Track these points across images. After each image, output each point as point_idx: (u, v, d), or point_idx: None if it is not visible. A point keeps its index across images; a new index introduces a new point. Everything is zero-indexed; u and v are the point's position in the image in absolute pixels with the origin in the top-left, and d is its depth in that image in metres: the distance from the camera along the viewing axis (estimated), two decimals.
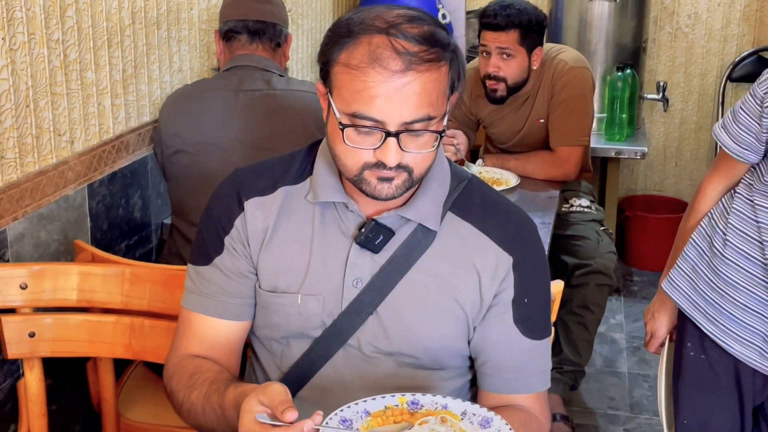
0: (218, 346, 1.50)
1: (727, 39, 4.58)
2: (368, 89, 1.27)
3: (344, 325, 1.43)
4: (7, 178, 1.97)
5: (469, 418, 1.30)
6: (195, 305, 1.50)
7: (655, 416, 3.19)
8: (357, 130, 1.30)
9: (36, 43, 2.03)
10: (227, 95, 2.41)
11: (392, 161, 1.30)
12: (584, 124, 3.21)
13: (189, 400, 1.42)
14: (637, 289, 4.30)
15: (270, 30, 2.50)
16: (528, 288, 1.45)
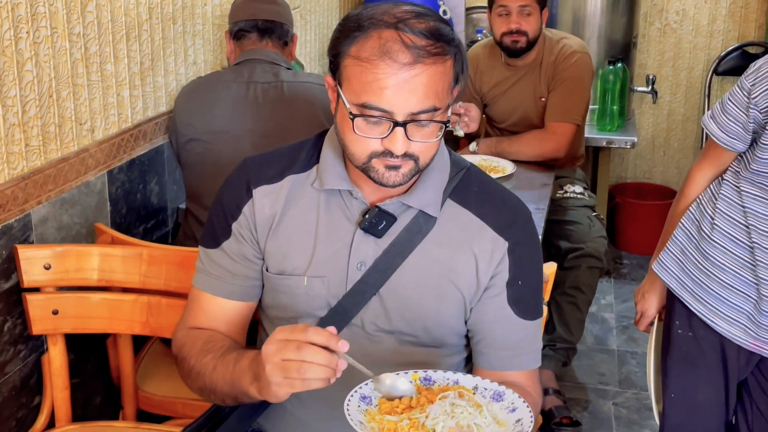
0: (223, 323, 1.51)
1: (713, 34, 4.56)
2: (378, 81, 1.27)
3: (348, 306, 1.43)
4: (32, 164, 1.97)
5: (481, 392, 1.31)
6: (203, 284, 1.52)
7: (642, 391, 3.20)
8: (366, 119, 1.30)
9: (58, 36, 2.03)
10: (239, 87, 2.41)
11: (399, 150, 1.30)
12: (579, 105, 3.20)
13: (201, 363, 1.41)
14: (626, 271, 4.30)
15: (278, 29, 2.52)
16: (522, 271, 1.45)
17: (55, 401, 1.99)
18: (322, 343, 1.17)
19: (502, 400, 1.29)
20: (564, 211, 3.21)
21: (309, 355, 1.16)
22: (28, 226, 1.97)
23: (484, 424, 1.23)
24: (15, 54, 1.88)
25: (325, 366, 1.16)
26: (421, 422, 1.22)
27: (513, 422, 1.26)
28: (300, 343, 1.17)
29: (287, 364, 1.17)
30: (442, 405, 1.24)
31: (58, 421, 1.99)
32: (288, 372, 1.18)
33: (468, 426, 1.22)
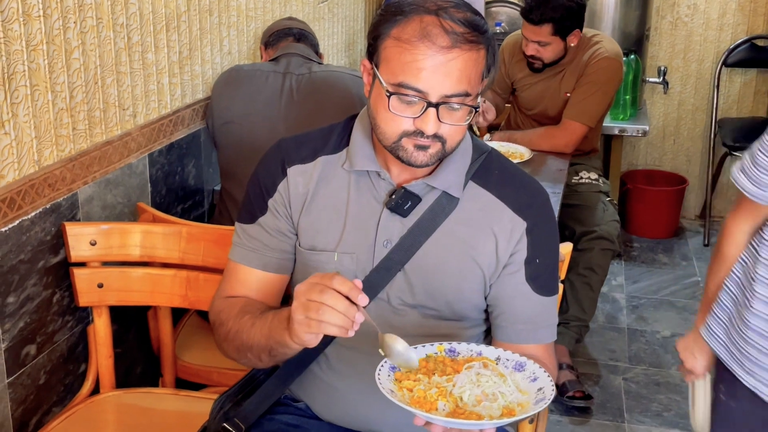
0: (259, 294, 1.51)
1: (723, 28, 4.51)
2: (417, 61, 1.28)
3: (375, 281, 1.44)
4: (78, 147, 1.99)
5: (504, 363, 1.31)
6: (240, 257, 1.52)
7: (651, 367, 3.20)
8: (401, 98, 1.30)
9: (103, 26, 2.04)
10: (276, 77, 2.44)
11: (430, 130, 1.30)
12: (598, 109, 3.18)
13: (239, 323, 1.42)
14: (636, 254, 4.28)
15: (310, 38, 2.64)
16: (539, 250, 1.45)
17: (100, 369, 2.01)
18: (344, 292, 1.17)
19: (524, 371, 1.30)
20: (579, 196, 3.20)
21: (329, 299, 1.17)
22: (75, 204, 2.00)
23: (508, 392, 1.23)
24: (63, 43, 1.89)
25: (341, 313, 1.17)
26: (449, 390, 1.22)
27: (535, 391, 1.26)
28: (325, 287, 1.17)
29: (309, 303, 1.18)
30: (468, 374, 1.24)
31: (102, 387, 2.02)
32: (308, 311, 1.18)
33: (493, 394, 1.22)
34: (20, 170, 1.79)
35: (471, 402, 1.21)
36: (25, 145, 1.80)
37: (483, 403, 1.21)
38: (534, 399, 1.25)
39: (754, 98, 4.58)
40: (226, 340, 1.46)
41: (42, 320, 1.91)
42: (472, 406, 1.21)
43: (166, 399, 2.03)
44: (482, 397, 1.22)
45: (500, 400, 1.22)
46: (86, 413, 1.95)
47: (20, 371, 1.85)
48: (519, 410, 1.22)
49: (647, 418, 2.88)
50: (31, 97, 1.80)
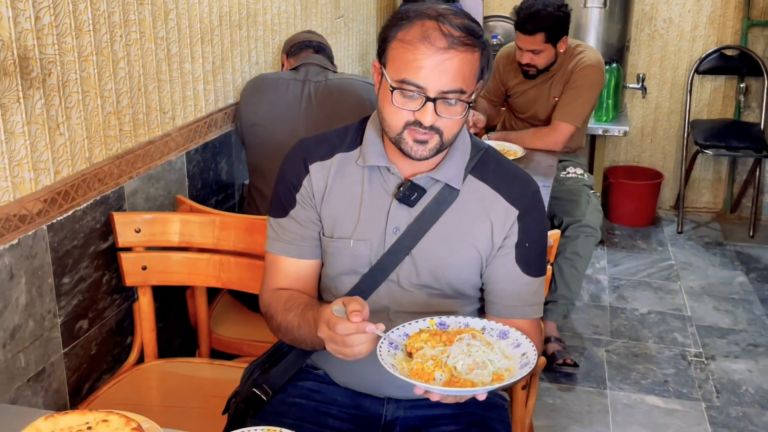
0: (299, 280, 1.51)
1: (695, 39, 4.48)
2: (417, 60, 1.29)
3: (386, 264, 1.44)
4: (124, 146, 2.00)
5: (489, 332, 1.31)
6: (278, 249, 1.51)
7: (630, 340, 3.19)
8: (403, 93, 1.31)
9: (146, 39, 2.05)
10: (296, 84, 2.44)
11: (428, 121, 1.31)
12: (583, 110, 3.17)
13: (286, 320, 1.43)
14: (617, 240, 4.27)
15: (327, 50, 2.63)
16: (529, 235, 1.45)
17: (144, 341, 2.03)
18: (353, 331, 1.22)
19: (507, 338, 1.30)
20: (566, 189, 3.18)
21: (350, 344, 1.23)
22: (122, 196, 2.01)
23: (496, 359, 1.23)
24: (111, 54, 1.90)
25: (363, 344, 1.23)
26: (443, 362, 1.22)
27: (519, 355, 1.26)
28: (342, 338, 1.23)
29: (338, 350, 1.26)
30: (460, 345, 1.24)
31: (146, 357, 2.03)
32: (340, 355, 1.26)
33: (483, 362, 1.22)
34: (74, 166, 1.80)
35: (464, 371, 1.21)
36: (78, 144, 1.81)
37: (475, 371, 1.21)
38: (519, 363, 1.25)
39: (723, 102, 4.55)
40: (279, 331, 1.48)
41: (93, 298, 1.92)
42: (466, 375, 1.21)
43: (202, 368, 2.04)
44: (474, 366, 1.22)
45: (490, 367, 1.22)
46: (132, 380, 1.97)
47: (74, 343, 1.86)
48: (507, 375, 1.22)
49: (627, 386, 2.87)
50: (83, 101, 1.81)
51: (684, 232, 4.37)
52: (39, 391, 1.75)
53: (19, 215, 1.63)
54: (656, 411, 2.72)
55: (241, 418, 1.56)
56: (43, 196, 1.69)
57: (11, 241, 1.61)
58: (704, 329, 3.29)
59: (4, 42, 1.54)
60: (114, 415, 1.25)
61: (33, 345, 1.71)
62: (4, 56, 1.55)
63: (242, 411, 1.56)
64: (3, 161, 1.58)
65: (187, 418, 1.81)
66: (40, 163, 1.68)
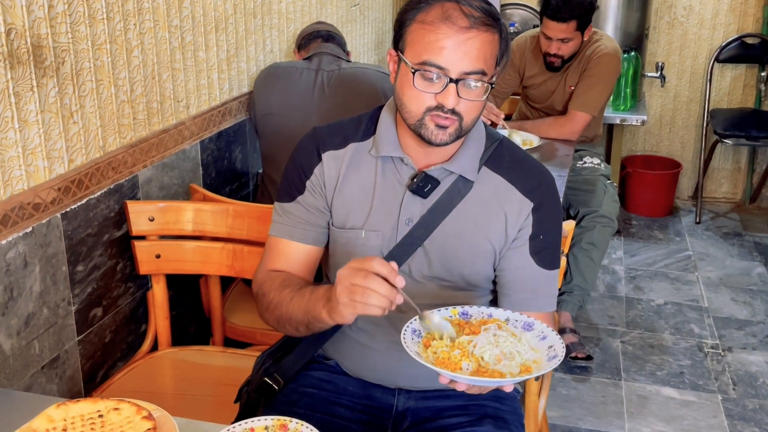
0: (298, 264, 1.49)
1: (715, 27, 4.41)
2: (438, 40, 1.27)
3: (398, 255, 1.42)
4: (138, 134, 2.00)
5: (513, 324, 1.28)
6: (280, 232, 1.50)
7: (646, 331, 3.16)
8: (424, 75, 1.29)
9: (160, 28, 2.04)
10: (309, 73, 2.42)
11: (450, 103, 1.29)
12: (600, 99, 3.13)
13: (279, 296, 1.40)
14: (634, 231, 4.23)
15: (338, 38, 2.60)
16: (543, 228, 1.42)
17: (158, 329, 2.03)
18: (384, 274, 1.16)
19: (532, 330, 1.27)
20: (583, 179, 3.16)
21: (373, 283, 1.15)
22: (136, 185, 2.01)
23: (523, 350, 1.20)
24: (124, 42, 1.90)
25: (384, 296, 1.16)
26: (470, 351, 1.19)
27: (546, 348, 1.23)
28: (368, 272, 1.16)
29: (354, 287, 1.17)
30: (487, 335, 1.21)
31: (160, 345, 2.04)
32: (353, 294, 1.17)
33: (510, 353, 1.19)
34: (87, 155, 1.80)
35: (492, 361, 1.18)
36: (92, 132, 1.81)
37: (503, 362, 1.18)
38: (546, 356, 1.21)
39: (743, 91, 4.48)
40: (267, 311, 1.45)
41: (107, 286, 1.93)
42: (494, 365, 1.18)
43: (215, 356, 2.05)
44: (501, 356, 1.18)
45: (517, 359, 1.19)
46: (146, 367, 1.98)
47: (88, 330, 1.87)
48: (535, 367, 1.19)
49: (642, 377, 2.85)
50: (97, 90, 1.81)
51: (702, 222, 4.32)
52: (53, 378, 1.76)
53: (33, 203, 1.63)
54: (671, 403, 2.70)
55: (253, 407, 1.56)
56: (56, 184, 1.70)
57: (25, 229, 1.61)
58: (721, 321, 3.26)
59: (17, 30, 1.54)
60: (125, 403, 1.25)
61: (47, 332, 1.72)
62: (17, 45, 1.54)
63: (254, 400, 1.56)
64: (17, 150, 1.58)
65: (200, 406, 1.82)
66: (53, 151, 1.69)
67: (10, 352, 1.61)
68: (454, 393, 1.50)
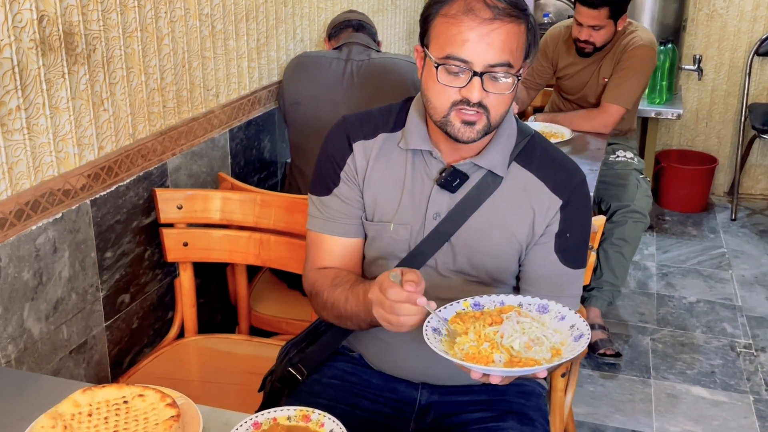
0: (344, 259, 1.48)
1: (756, 19, 4.32)
2: (461, 33, 1.25)
3: (424, 249, 1.41)
4: (168, 122, 2.01)
5: (527, 308, 1.25)
6: (321, 227, 1.48)
7: (677, 329, 3.12)
8: (448, 69, 1.27)
9: (190, 16, 2.05)
10: (338, 63, 2.42)
11: (475, 97, 1.27)
12: (634, 92, 3.08)
13: (333, 295, 1.40)
14: (668, 226, 4.17)
15: (368, 28, 2.59)
16: (570, 226, 1.40)
17: (185, 316, 2.05)
18: (404, 300, 1.18)
19: (548, 312, 1.24)
20: (615, 173, 3.12)
21: (399, 311, 1.19)
22: (165, 173, 2.02)
23: (550, 334, 1.18)
24: (155, 30, 1.91)
25: (413, 316, 1.20)
26: (498, 342, 1.16)
27: (568, 328, 1.20)
28: (391, 304, 1.19)
29: (386, 316, 1.21)
30: (511, 323, 1.19)
31: (186, 332, 2.06)
32: (389, 323, 1.22)
33: (538, 338, 1.17)
34: (117, 142, 1.82)
35: (522, 349, 1.15)
36: (122, 120, 1.83)
37: (533, 348, 1.16)
38: (571, 336, 1.18)
39: None
40: (325, 309, 1.45)
41: (135, 273, 1.95)
42: (526, 353, 1.15)
43: (241, 344, 2.06)
44: (531, 343, 1.16)
45: (546, 343, 1.16)
46: (172, 354, 2.00)
47: (116, 316, 1.89)
48: (565, 349, 1.16)
49: (671, 375, 2.81)
50: (127, 78, 1.82)
51: (738, 219, 4.25)
52: (81, 362, 1.78)
53: (63, 190, 1.65)
54: (701, 402, 2.66)
55: (277, 396, 1.56)
56: (86, 171, 1.71)
57: (55, 215, 1.64)
58: (755, 320, 3.20)
59: (49, 17, 1.56)
60: (150, 390, 1.26)
61: (75, 318, 1.74)
62: (49, 32, 1.56)
63: (278, 390, 1.57)
64: (47, 136, 1.60)
65: (224, 393, 1.83)
66: (84, 138, 1.70)
67: (38, 337, 1.63)
68: (478, 387, 1.50)
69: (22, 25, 1.49)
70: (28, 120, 1.54)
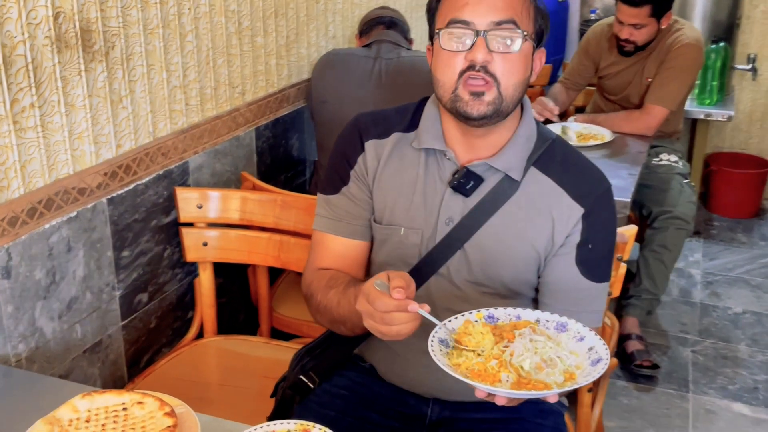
0: (347, 261, 1.44)
1: None
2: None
3: (436, 257, 1.36)
4: (191, 120, 1.99)
5: (544, 325, 1.17)
6: (326, 227, 1.44)
7: (720, 341, 3.00)
8: (450, 34, 1.23)
9: (215, 12, 2.03)
10: (367, 61, 2.37)
11: (480, 59, 1.21)
12: (679, 93, 2.97)
13: (326, 298, 1.36)
14: (716, 232, 4.02)
15: (401, 25, 2.54)
16: (593, 236, 1.33)
17: (204, 317, 2.03)
18: (393, 309, 1.11)
19: (567, 331, 1.16)
20: (658, 177, 3.00)
21: (390, 321, 1.12)
22: (186, 171, 2.00)
23: (564, 356, 1.10)
24: (178, 27, 1.89)
25: (404, 324, 1.12)
26: (507, 360, 1.09)
27: (586, 350, 1.12)
28: (381, 315, 1.12)
29: (376, 326, 1.14)
30: (523, 341, 1.11)
31: (205, 333, 2.04)
32: (382, 333, 1.14)
33: (551, 359, 1.09)
34: (136, 140, 1.80)
35: (533, 370, 1.08)
36: (141, 118, 1.81)
37: (545, 370, 1.08)
38: (588, 360, 1.10)
39: None
40: (318, 312, 1.41)
41: (154, 272, 1.94)
42: (536, 375, 1.07)
43: (260, 347, 2.03)
44: (542, 364, 1.08)
45: (560, 365, 1.08)
46: (191, 354, 1.98)
47: (133, 316, 1.88)
48: (579, 373, 1.08)
49: (712, 390, 2.70)
50: (148, 75, 1.81)
51: None
52: (95, 362, 1.77)
53: (78, 188, 1.64)
54: (742, 420, 2.55)
55: (288, 403, 1.53)
56: (103, 169, 1.70)
57: (69, 213, 1.63)
58: None
59: (65, 14, 1.54)
60: (150, 397, 1.24)
61: (90, 317, 1.73)
62: (65, 28, 1.55)
63: (289, 397, 1.53)
64: (62, 134, 1.59)
65: (238, 397, 1.80)
66: (101, 136, 1.69)
67: (51, 335, 1.63)
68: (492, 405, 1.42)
69: (37, 22, 1.48)
70: (43, 118, 1.53)
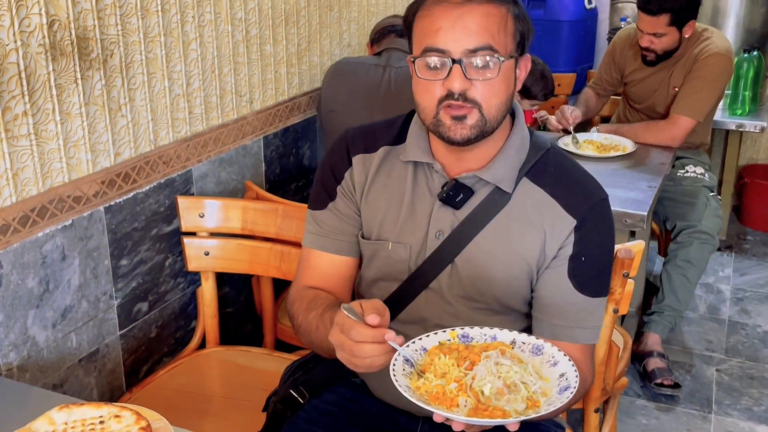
0: (333, 278, 1.41)
1: None
2: (434, 23, 1.18)
3: (426, 271, 1.32)
4: (194, 129, 1.98)
5: (520, 347, 1.13)
6: (313, 243, 1.42)
7: (747, 360, 2.88)
8: (426, 62, 1.20)
9: (221, 20, 2.01)
10: (376, 69, 2.33)
11: (457, 87, 1.18)
12: (707, 104, 2.88)
13: (306, 320, 1.34)
14: (748, 247, 3.89)
15: None
16: (586, 249, 1.28)
17: (206, 327, 2.01)
18: (369, 339, 1.07)
19: (542, 354, 1.12)
20: (682, 190, 2.91)
21: (361, 354, 1.08)
22: (189, 180, 1.99)
23: (531, 381, 1.06)
24: (180, 35, 1.88)
25: (376, 356, 1.08)
26: (468, 384, 1.05)
27: (557, 377, 1.08)
28: (351, 344, 1.08)
29: (351, 359, 1.10)
30: (487, 364, 1.07)
31: (208, 343, 2.02)
32: (355, 365, 1.10)
33: (514, 384, 1.05)
34: (136, 149, 1.79)
35: (493, 396, 1.04)
36: (141, 126, 1.80)
37: (506, 396, 1.04)
38: (557, 387, 1.06)
39: None
40: (299, 332, 1.38)
41: (154, 281, 1.92)
42: (495, 401, 1.03)
43: (261, 358, 2.00)
44: (504, 390, 1.04)
45: (523, 391, 1.04)
46: (192, 364, 1.96)
47: (132, 325, 1.87)
48: (543, 401, 1.04)
49: (736, 411, 2.60)
50: (148, 83, 1.80)
51: None
52: (92, 371, 1.76)
53: (74, 196, 1.63)
54: None
55: (279, 418, 1.50)
56: (100, 177, 1.69)
57: (64, 221, 1.62)
58: None
59: (60, 22, 1.54)
60: (127, 410, 1.22)
61: (86, 326, 1.72)
62: (60, 36, 1.54)
63: (280, 411, 1.50)
64: (57, 142, 1.58)
65: (233, 410, 1.78)
66: (98, 144, 1.68)
67: (44, 344, 1.62)
68: None
69: (30, 30, 1.48)
70: (36, 126, 1.52)
